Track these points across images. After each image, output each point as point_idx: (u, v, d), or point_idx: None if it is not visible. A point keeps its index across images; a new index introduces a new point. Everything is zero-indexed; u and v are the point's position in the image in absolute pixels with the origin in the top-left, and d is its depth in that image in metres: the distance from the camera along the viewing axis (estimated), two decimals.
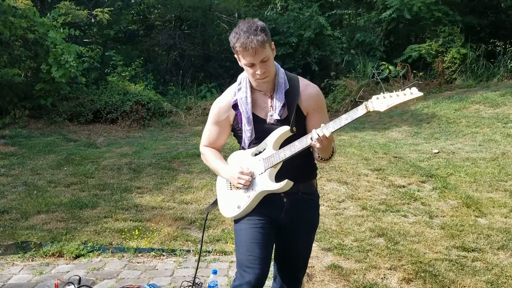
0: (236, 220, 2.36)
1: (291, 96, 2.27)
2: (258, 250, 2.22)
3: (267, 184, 2.24)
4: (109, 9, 12.03)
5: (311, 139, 2.11)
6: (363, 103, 2.04)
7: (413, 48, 13.28)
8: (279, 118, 2.26)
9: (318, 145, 2.10)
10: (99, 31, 15.30)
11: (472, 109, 9.99)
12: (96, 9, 11.78)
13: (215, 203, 2.54)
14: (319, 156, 2.28)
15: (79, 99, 10.84)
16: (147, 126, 10.85)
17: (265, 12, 15.74)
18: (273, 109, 2.28)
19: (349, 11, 16.43)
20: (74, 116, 10.61)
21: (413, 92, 1.94)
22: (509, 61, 12.60)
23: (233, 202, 2.34)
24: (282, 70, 2.33)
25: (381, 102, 1.99)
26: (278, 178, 2.24)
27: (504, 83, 11.92)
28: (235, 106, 2.33)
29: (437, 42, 13.13)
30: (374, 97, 2.03)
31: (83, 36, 12.28)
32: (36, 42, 9.64)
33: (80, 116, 10.60)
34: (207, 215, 2.75)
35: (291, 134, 2.24)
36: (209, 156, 2.46)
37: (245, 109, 2.29)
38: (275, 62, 2.28)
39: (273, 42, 2.22)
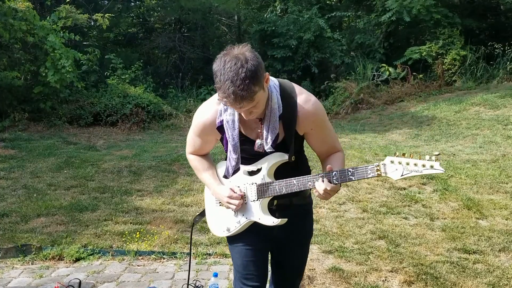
0: (228, 237, 2.27)
1: (288, 121, 2.01)
2: (254, 268, 2.18)
3: (259, 216, 2.10)
4: (110, 15, 12.03)
5: (316, 193, 1.98)
6: (375, 164, 1.87)
7: (413, 50, 13.30)
8: (273, 150, 2.03)
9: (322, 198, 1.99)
10: (98, 34, 15.32)
11: (472, 111, 9.99)
12: (96, 14, 11.79)
13: (203, 213, 2.40)
14: None
15: (79, 102, 10.85)
16: (147, 129, 10.84)
17: (265, 15, 15.77)
18: (264, 139, 2.02)
19: (349, 13, 16.45)
20: (74, 119, 10.62)
21: (434, 166, 1.74)
22: (508, 63, 12.62)
23: (222, 222, 2.21)
24: (275, 92, 2.00)
25: (395, 168, 1.82)
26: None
27: (504, 85, 11.93)
28: (220, 128, 2.09)
29: (437, 44, 13.15)
30: (387, 159, 1.85)
31: (82, 39, 12.28)
32: (35, 45, 9.66)
33: (80, 119, 10.61)
34: (192, 226, 2.65)
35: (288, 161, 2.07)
36: (196, 166, 2.29)
37: (231, 135, 2.04)
38: (270, 80, 1.99)
39: (266, 74, 1.89)
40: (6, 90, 9.61)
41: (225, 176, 2.21)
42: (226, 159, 2.21)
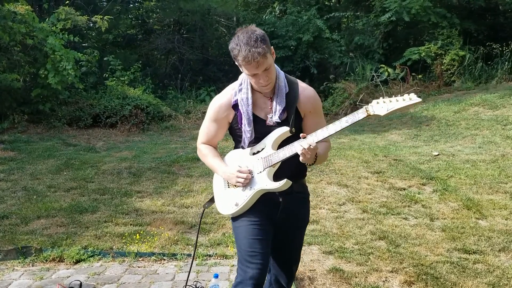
0: (234, 218, 2.43)
1: (291, 99, 2.34)
2: (259, 246, 2.31)
3: (266, 183, 2.30)
4: (109, 17, 12.02)
5: (301, 147, 2.18)
6: (364, 106, 2.12)
7: (412, 51, 13.31)
8: (279, 121, 2.32)
9: (301, 157, 2.19)
10: (97, 35, 15.32)
11: (471, 111, 10.00)
12: (95, 16, 11.79)
13: (211, 200, 2.60)
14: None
15: (78, 103, 10.85)
16: (147, 130, 10.84)
17: (264, 16, 15.78)
18: (273, 112, 2.33)
19: (348, 14, 16.46)
20: (73, 120, 10.61)
21: (412, 98, 2.02)
22: (507, 63, 12.63)
23: (230, 200, 2.40)
24: (282, 74, 2.38)
25: (381, 106, 2.07)
26: (274, 178, 2.32)
27: (502, 85, 11.94)
28: (235, 106, 2.37)
29: (436, 44, 13.16)
30: (374, 101, 2.11)
31: (81, 41, 12.28)
32: (35, 47, 9.66)
33: (79, 121, 10.60)
34: (203, 212, 2.78)
35: (290, 134, 2.31)
36: (206, 153, 2.52)
37: (246, 110, 2.33)
38: (275, 65, 2.32)
39: (272, 47, 2.26)
40: (6, 92, 9.60)
41: (242, 147, 2.43)
42: (234, 148, 2.50)
